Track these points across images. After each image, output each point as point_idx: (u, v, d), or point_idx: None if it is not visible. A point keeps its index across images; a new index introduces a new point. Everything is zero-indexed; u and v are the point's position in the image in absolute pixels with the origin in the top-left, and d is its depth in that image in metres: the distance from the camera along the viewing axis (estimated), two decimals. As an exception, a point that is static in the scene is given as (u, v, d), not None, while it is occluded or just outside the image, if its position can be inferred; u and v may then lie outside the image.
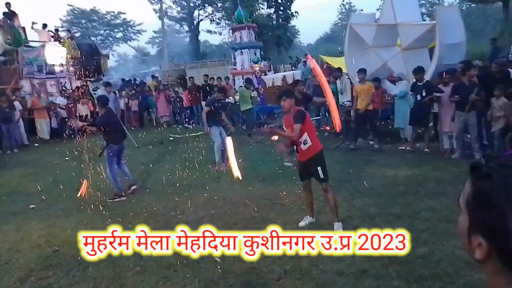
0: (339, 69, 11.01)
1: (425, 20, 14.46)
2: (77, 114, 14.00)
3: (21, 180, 8.42)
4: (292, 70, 18.27)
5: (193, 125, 13.82)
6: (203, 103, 14.12)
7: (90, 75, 16.78)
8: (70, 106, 13.99)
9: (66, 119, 13.81)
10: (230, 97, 13.13)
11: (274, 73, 17.17)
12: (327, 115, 11.03)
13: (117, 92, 15.19)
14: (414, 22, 9.59)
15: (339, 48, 13.35)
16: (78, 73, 16.01)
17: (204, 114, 8.21)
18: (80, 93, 14.63)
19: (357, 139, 9.33)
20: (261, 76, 15.07)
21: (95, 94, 15.57)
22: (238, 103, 12.68)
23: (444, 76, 8.22)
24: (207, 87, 14.61)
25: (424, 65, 8.67)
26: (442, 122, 8.18)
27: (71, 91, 15.20)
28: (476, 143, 7.38)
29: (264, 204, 5.76)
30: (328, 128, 10.54)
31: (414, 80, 8.42)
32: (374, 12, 12.70)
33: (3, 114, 11.45)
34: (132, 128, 14.15)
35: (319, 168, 4.67)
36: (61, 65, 15.84)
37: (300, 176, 5.01)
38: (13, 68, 14.21)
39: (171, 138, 11.92)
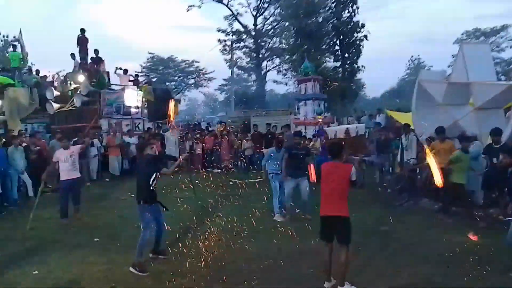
0: (407, 125, 10.70)
1: (500, 80, 13.81)
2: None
3: (89, 212, 8.91)
4: (355, 123, 18.08)
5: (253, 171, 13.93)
6: (264, 150, 14.33)
7: (162, 118, 17.92)
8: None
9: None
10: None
11: (338, 125, 17.09)
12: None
13: (184, 135, 15.93)
14: (489, 81, 9.17)
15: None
16: (151, 115, 17.18)
17: (284, 161, 7.96)
18: (150, 134, 15.52)
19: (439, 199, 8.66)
20: (324, 128, 15.05)
21: (164, 135, 16.45)
22: None
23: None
24: (269, 136, 14.87)
25: (498, 126, 8.18)
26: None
27: (143, 131, 16.17)
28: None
29: (320, 261, 5.54)
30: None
31: (490, 141, 7.94)
32: (444, 69, 12.40)
33: (79, 150, 12.21)
34: (195, 170, 14.60)
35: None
36: (137, 107, 17.02)
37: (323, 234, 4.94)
38: (95, 108, 15.47)
39: (231, 183, 12.10)
